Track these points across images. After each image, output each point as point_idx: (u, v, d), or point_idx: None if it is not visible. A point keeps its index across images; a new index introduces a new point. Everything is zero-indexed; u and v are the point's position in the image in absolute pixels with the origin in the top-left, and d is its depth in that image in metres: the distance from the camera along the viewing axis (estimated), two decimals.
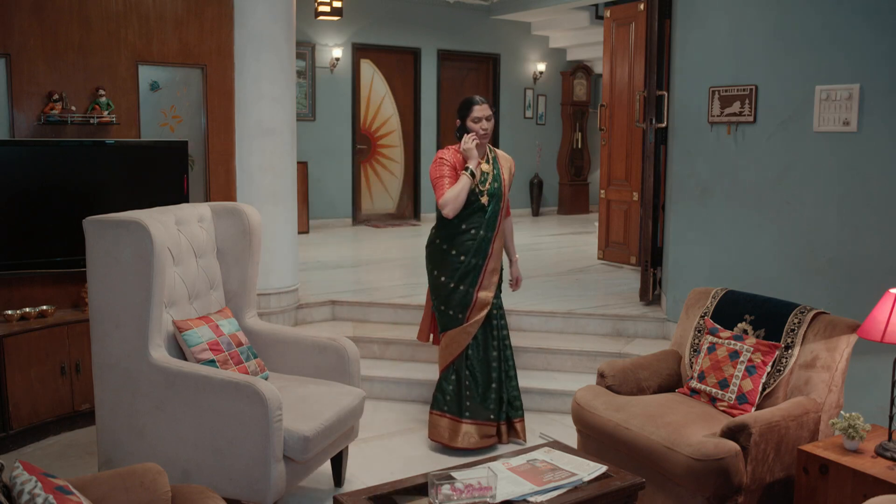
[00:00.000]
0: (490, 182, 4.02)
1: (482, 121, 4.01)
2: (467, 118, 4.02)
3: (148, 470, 2.33)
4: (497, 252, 4.04)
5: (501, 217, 4.05)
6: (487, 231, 3.98)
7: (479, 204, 3.95)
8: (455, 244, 3.96)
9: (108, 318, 3.20)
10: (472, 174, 3.89)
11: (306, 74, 9.59)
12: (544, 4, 9.92)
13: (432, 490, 2.55)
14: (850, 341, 3.22)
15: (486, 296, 3.98)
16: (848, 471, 2.81)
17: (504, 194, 4.07)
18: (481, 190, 3.96)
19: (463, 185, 3.87)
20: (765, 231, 4.47)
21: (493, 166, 4.08)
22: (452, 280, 3.94)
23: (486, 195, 3.98)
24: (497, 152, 4.18)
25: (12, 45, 4.29)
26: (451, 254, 3.95)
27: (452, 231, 3.96)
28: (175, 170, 4.72)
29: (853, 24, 3.99)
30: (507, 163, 4.19)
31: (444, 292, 3.96)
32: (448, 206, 3.83)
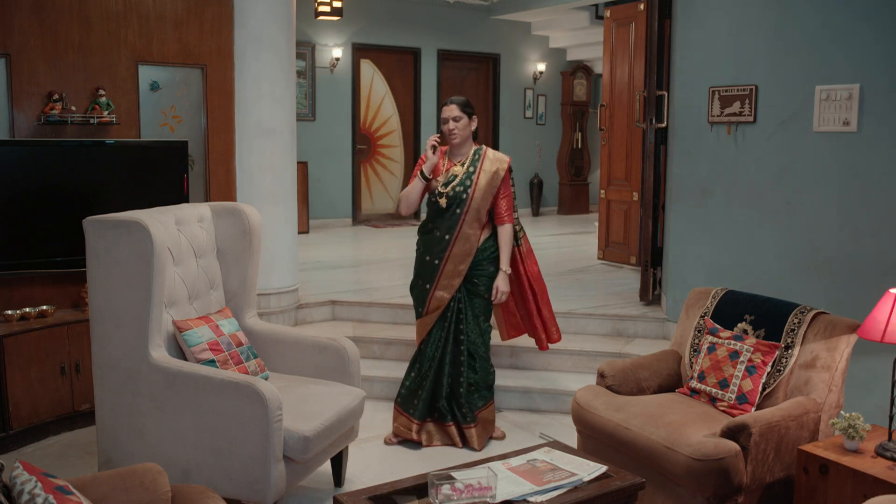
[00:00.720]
0: (454, 185, 3.99)
1: (448, 122, 4.01)
2: (439, 119, 4.09)
3: (148, 470, 2.33)
4: (458, 255, 3.98)
5: (463, 222, 3.97)
6: (445, 233, 3.99)
7: (438, 206, 4.01)
8: (422, 241, 4.12)
9: (108, 318, 3.20)
10: (424, 177, 4.00)
11: (306, 74, 9.59)
12: (544, 4, 9.92)
13: (432, 490, 2.55)
14: (850, 341, 3.22)
15: (441, 296, 4.01)
16: (848, 471, 2.81)
17: (470, 199, 3.96)
18: (440, 192, 4.00)
19: (412, 187, 4.04)
20: (765, 231, 4.47)
21: (468, 170, 4.03)
22: (416, 275, 4.13)
23: (445, 198, 3.98)
24: (487, 154, 4.09)
25: (12, 45, 4.29)
26: (419, 250, 4.13)
27: (424, 228, 4.12)
28: (175, 170, 4.72)
29: (853, 24, 3.99)
30: (494, 166, 4.04)
31: (412, 285, 4.17)
32: (400, 203, 4.10)
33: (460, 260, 4.00)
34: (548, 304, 4.33)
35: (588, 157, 12.06)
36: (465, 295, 4.06)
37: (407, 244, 8.57)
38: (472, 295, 4.07)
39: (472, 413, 4.08)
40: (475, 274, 4.04)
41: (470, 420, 4.08)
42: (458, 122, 4.01)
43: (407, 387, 4.14)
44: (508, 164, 4.12)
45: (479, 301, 4.09)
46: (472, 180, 4.00)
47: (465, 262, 4.00)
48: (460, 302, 4.06)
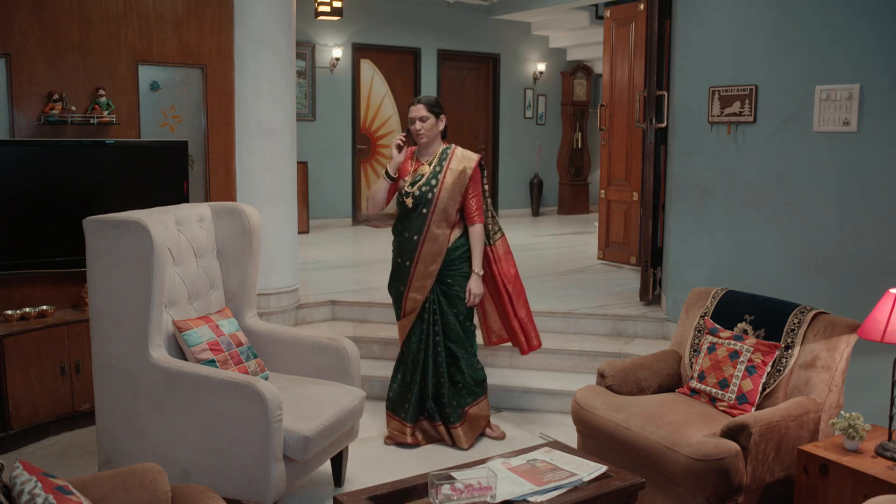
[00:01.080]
0: (420, 185, 3.95)
1: (416, 122, 3.98)
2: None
3: (148, 470, 2.33)
4: (428, 256, 3.94)
5: (430, 222, 3.93)
6: (413, 234, 3.96)
7: (405, 206, 3.99)
8: (395, 242, 4.10)
9: (108, 318, 3.20)
10: (388, 176, 4.00)
11: (306, 74, 9.59)
12: (544, 4, 9.92)
13: (432, 490, 2.55)
14: (850, 341, 3.22)
15: (415, 298, 3.99)
16: (848, 471, 2.81)
17: (436, 199, 3.92)
18: (407, 192, 3.97)
19: (377, 186, 4.04)
20: (765, 231, 4.47)
21: (434, 169, 3.98)
22: (391, 276, 4.11)
23: (412, 198, 3.95)
24: (455, 153, 4.02)
25: (12, 45, 4.29)
26: (393, 252, 4.11)
27: (395, 230, 4.10)
28: (175, 170, 4.72)
29: (853, 24, 3.99)
30: (461, 164, 3.97)
31: (389, 284, 4.14)
32: (367, 202, 4.16)
33: (430, 261, 3.95)
34: (525, 308, 4.22)
35: (588, 157, 12.06)
36: (442, 296, 4.01)
37: None
38: (448, 296, 4.01)
39: (457, 412, 4.07)
40: (449, 274, 3.99)
41: (455, 420, 4.07)
42: (425, 122, 3.97)
43: (395, 390, 4.13)
44: (477, 162, 4.02)
45: (458, 301, 4.02)
46: (437, 180, 3.94)
47: (435, 262, 3.95)
48: (435, 303, 4.01)
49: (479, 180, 4.04)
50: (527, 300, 4.26)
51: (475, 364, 4.14)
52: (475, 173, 4.00)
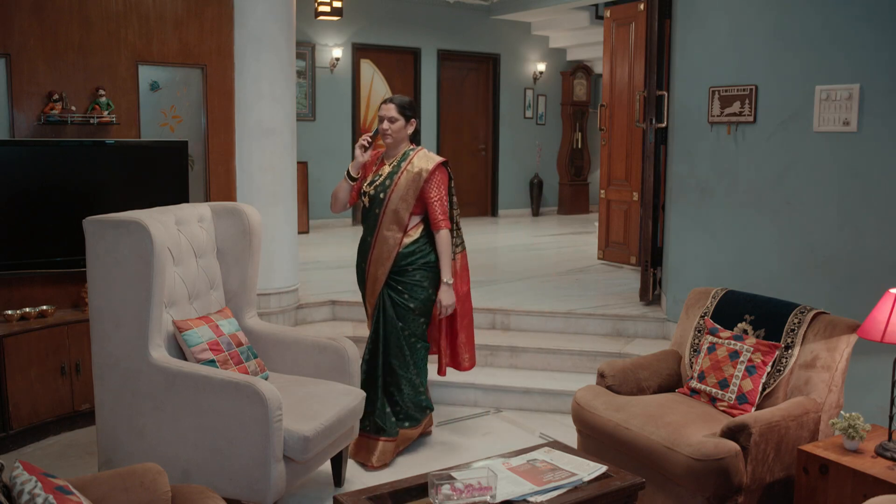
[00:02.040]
0: (376, 185, 3.88)
1: (384, 121, 3.89)
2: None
3: (148, 470, 2.33)
4: (378, 259, 3.82)
5: (381, 223, 3.82)
6: (368, 235, 3.94)
7: (364, 206, 3.96)
8: (360, 246, 4.03)
9: (108, 318, 3.20)
10: (348, 176, 3.92)
11: (306, 74, 9.59)
12: (544, 4, 9.92)
13: (432, 490, 2.55)
14: (850, 341, 3.22)
15: (370, 302, 3.94)
16: (848, 471, 2.81)
17: (387, 200, 3.80)
18: (365, 191, 3.93)
19: (339, 186, 3.97)
20: (765, 231, 4.47)
21: (392, 169, 3.87)
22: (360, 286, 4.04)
23: (367, 197, 3.92)
24: (418, 154, 3.88)
25: (12, 45, 4.29)
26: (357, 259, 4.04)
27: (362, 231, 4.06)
28: (175, 170, 4.72)
29: (853, 24, 3.99)
30: (418, 166, 3.83)
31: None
32: (331, 201, 4.01)
33: (380, 264, 3.84)
34: (468, 330, 4.02)
35: (588, 157, 12.06)
36: (390, 304, 3.83)
37: None
38: (396, 305, 3.83)
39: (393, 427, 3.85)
40: (400, 281, 3.82)
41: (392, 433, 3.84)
42: (394, 124, 3.85)
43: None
44: (437, 165, 3.83)
45: (406, 313, 3.83)
46: (392, 180, 3.84)
47: (383, 266, 3.82)
48: (381, 311, 3.85)
49: (442, 184, 3.84)
50: (472, 322, 4.07)
51: (419, 388, 3.92)
52: (435, 177, 3.81)
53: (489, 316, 5.39)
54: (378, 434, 3.85)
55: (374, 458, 3.81)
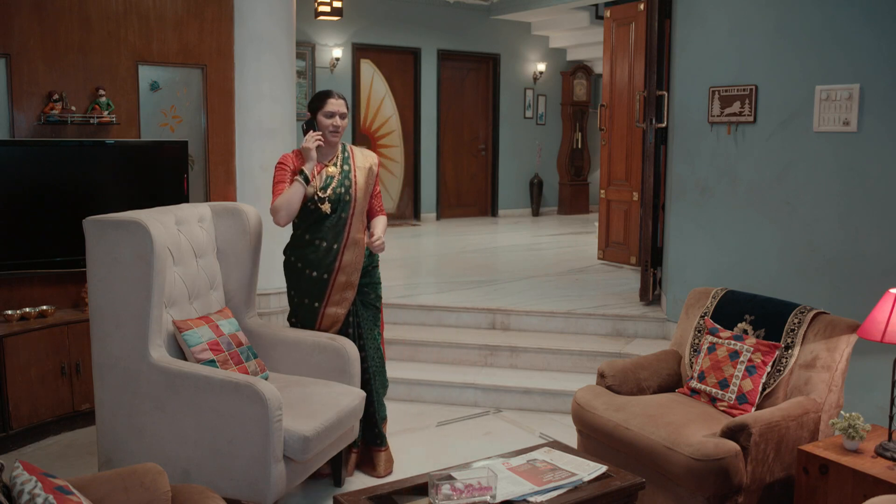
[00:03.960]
0: (333, 187, 3.60)
1: (335, 116, 3.58)
2: (319, 111, 3.58)
3: (148, 470, 2.33)
4: (349, 265, 3.63)
5: (350, 226, 3.62)
6: (333, 242, 3.60)
7: (319, 213, 3.58)
8: (301, 257, 3.66)
9: (108, 318, 3.20)
10: (305, 179, 3.51)
11: (306, 74, 9.59)
12: (544, 4, 9.92)
13: (432, 490, 2.55)
14: (850, 341, 3.22)
15: (336, 312, 3.67)
16: (848, 471, 2.81)
17: (354, 200, 3.62)
18: (321, 196, 3.57)
19: (294, 191, 3.48)
20: (765, 231, 4.47)
21: (342, 169, 3.65)
22: (298, 294, 3.70)
23: (328, 202, 3.58)
24: (354, 151, 3.74)
25: (12, 46, 4.29)
26: (298, 266, 3.67)
27: (298, 242, 3.68)
28: (175, 170, 4.72)
29: (854, 24, 3.99)
30: (367, 162, 3.71)
31: (293, 306, 3.75)
32: (279, 212, 3.47)
33: (352, 270, 3.65)
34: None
35: (588, 157, 12.06)
36: (361, 306, 3.75)
37: (406, 244, 8.58)
38: (368, 307, 3.77)
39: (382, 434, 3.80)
40: (365, 282, 3.73)
41: (382, 442, 3.79)
42: (343, 120, 3.61)
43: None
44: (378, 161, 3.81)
45: (376, 315, 3.81)
46: (350, 179, 3.64)
47: (356, 271, 3.66)
48: (358, 315, 3.74)
49: (378, 180, 3.81)
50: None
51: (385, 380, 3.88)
52: (378, 169, 3.78)
53: (489, 316, 5.39)
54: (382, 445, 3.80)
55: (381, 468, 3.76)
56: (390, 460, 3.82)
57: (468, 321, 5.41)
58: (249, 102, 5.19)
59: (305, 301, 3.70)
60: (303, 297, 3.70)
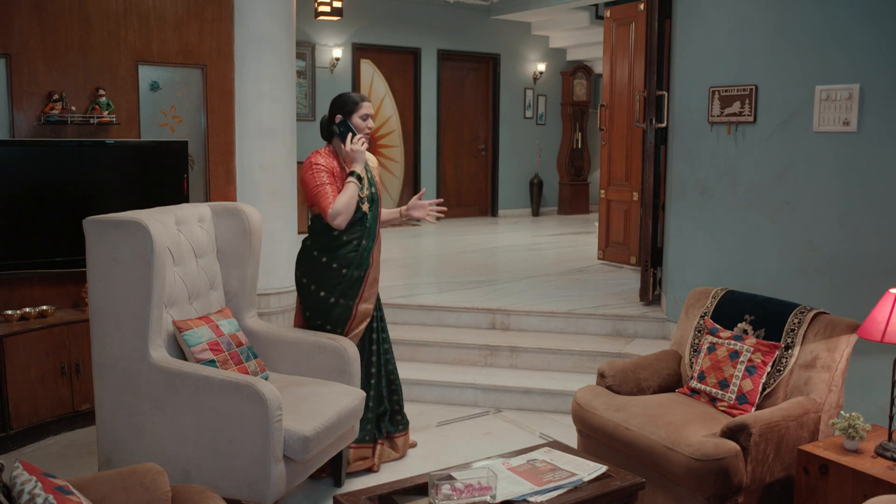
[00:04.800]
0: (367, 187, 3.73)
1: (369, 119, 3.70)
2: (354, 114, 3.67)
3: (148, 470, 2.33)
4: (377, 261, 3.78)
5: (380, 223, 3.81)
6: (369, 241, 3.71)
7: (360, 212, 3.66)
8: (336, 256, 3.66)
9: (108, 318, 3.20)
10: (360, 180, 3.62)
11: (306, 74, 9.59)
12: (544, 4, 9.92)
13: (432, 490, 2.55)
14: (850, 341, 3.22)
15: (367, 308, 3.75)
16: (848, 471, 2.81)
17: (380, 198, 3.82)
18: (362, 197, 3.67)
19: (352, 193, 3.56)
20: (765, 231, 4.47)
21: (367, 169, 3.77)
22: (333, 294, 3.67)
23: (367, 201, 3.70)
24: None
25: (12, 46, 4.29)
26: (332, 267, 3.66)
27: (332, 242, 3.65)
28: (175, 170, 4.72)
29: (854, 24, 3.99)
30: (374, 162, 3.89)
31: (324, 307, 3.69)
32: (340, 216, 3.52)
33: (378, 266, 3.79)
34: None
35: (588, 157, 12.06)
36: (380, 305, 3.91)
37: (406, 244, 8.58)
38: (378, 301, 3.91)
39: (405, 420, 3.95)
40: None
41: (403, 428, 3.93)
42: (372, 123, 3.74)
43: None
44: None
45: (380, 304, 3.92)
46: (373, 179, 3.81)
47: (379, 268, 3.82)
48: (379, 308, 3.90)
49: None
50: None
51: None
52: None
53: (489, 316, 5.39)
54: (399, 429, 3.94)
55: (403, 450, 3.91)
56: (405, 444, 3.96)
57: (468, 321, 5.41)
58: (249, 102, 5.19)
59: (341, 301, 3.69)
60: (338, 298, 3.69)
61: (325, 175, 3.61)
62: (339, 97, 3.75)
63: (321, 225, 3.67)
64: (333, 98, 3.78)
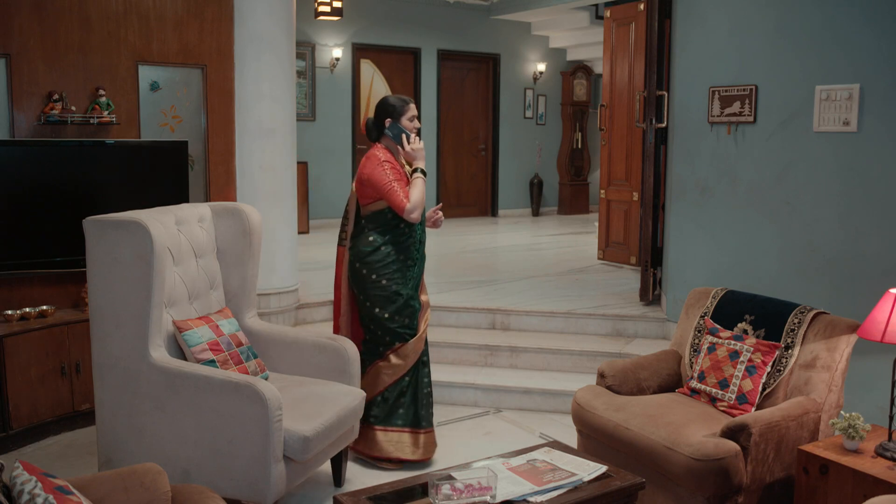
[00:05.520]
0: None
1: (415, 119, 3.83)
2: (402, 117, 3.78)
3: (148, 470, 2.33)
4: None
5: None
6: (423, 233, 3.88)
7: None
8: (405, 251, 3.77)
9: (108, 318, 3.20)
10: (424, 174, 3.77)
11: (306, 74, 9.59)
12: (544, 4, 9.92)
13: (432, 490, 2.55)
14: (850, 341, 3.22)
15: (426, 299, 3.93)
16: (848, 471, 2.81)
17: None
18: None
19: (423, 188, 3.73)
20: (765, 231, 4.47)
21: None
22: (406, 288, 3.78)
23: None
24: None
25: (12, 46, 4.29)
26: (401, 260, 3.76)
27: (399, 237, 3.76)
28: (175, 170, 4.72)
29: (854, 24, 3.99)
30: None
31: (399, 302, 3.75)
32: (416, 210, 3.66)
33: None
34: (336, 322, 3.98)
35: (588, 157, 12.06)
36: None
37: None
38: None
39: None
40: None
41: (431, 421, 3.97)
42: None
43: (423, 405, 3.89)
44: None
45: None
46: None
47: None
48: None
49: None
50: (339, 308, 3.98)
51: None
52: None
53: (489, 316, 5.39)
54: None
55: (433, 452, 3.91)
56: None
57: (468, 321, 5.41)
58: (249, 102, 5.19)
59: (412, 295, 3.81)
60: (409, 292, 3.80)
61: (392, 171, 3.69)
62: (385, 102, 3.85)
63: (385, 221, 3.75)
64: (379, 103, 3.87)
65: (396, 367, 3.79)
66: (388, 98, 3.86)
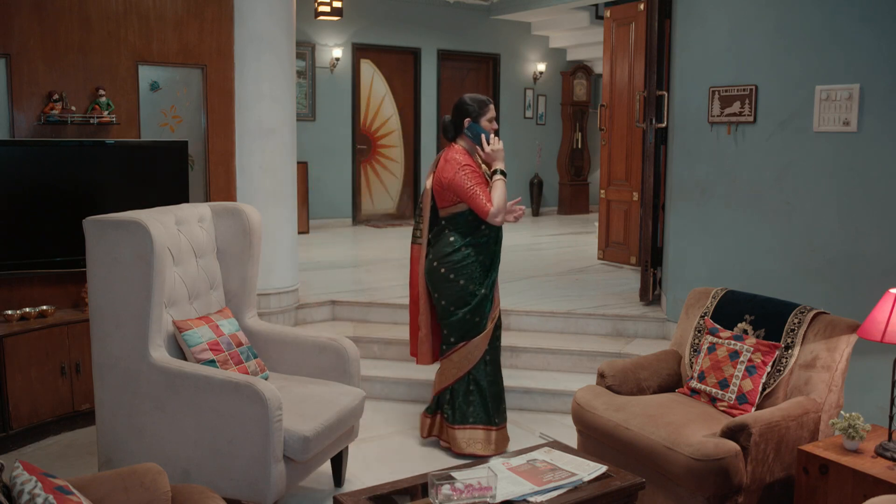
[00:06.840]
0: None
1: (493, 121, 3.84)
2: (482, 118, 3.81)
3: (148, 470, 2.33)
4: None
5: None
6: (500, 232, 3.90)
7: None
8: (485, 251, 3.85)
9: (108, 318, 3.20)
10: (504, 175, 3.77)
11: (306, 74, 9.59)
12: (544, 4, 9.93)
13: (432, 490, 2.55)
14: (850, 341, 3.22)
15: (498, 298, 3.98)
16: (848, 471, 2.81)
17: None
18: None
19: (504, 190, 3.72)
20: (765, 231, 4.47)
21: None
22: (483, 286, 3.84)
23: None
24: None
25: (12, 46, 4.29)
26: (479, 260, 3.83)
27: (479, 238, 3.82)
28: (175, 170, 4.72)
29: (853, 24, 3.99)
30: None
31: (473, 303, 3.82)
32: (500, 214, 3.69)
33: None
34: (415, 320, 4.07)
35: (588, 157, 12.06)
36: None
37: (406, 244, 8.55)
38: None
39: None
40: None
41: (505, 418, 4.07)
42: None
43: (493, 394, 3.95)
44: None
45: None
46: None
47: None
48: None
49: None
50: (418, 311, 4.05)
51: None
52: None
53: None
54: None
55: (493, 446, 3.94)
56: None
57: None
58: (249, 102, 5.19)
59: (487, 295, 3.87)
60: (485, 291, 3.85)
61: (472, 176, 3.71)
62: (464, 103, 3.84)
63: (465, 222, 3.79)
64: (457, 102, 3.88)
65: (460, 364, 3.88)
66: (466, 98, 3.86)
